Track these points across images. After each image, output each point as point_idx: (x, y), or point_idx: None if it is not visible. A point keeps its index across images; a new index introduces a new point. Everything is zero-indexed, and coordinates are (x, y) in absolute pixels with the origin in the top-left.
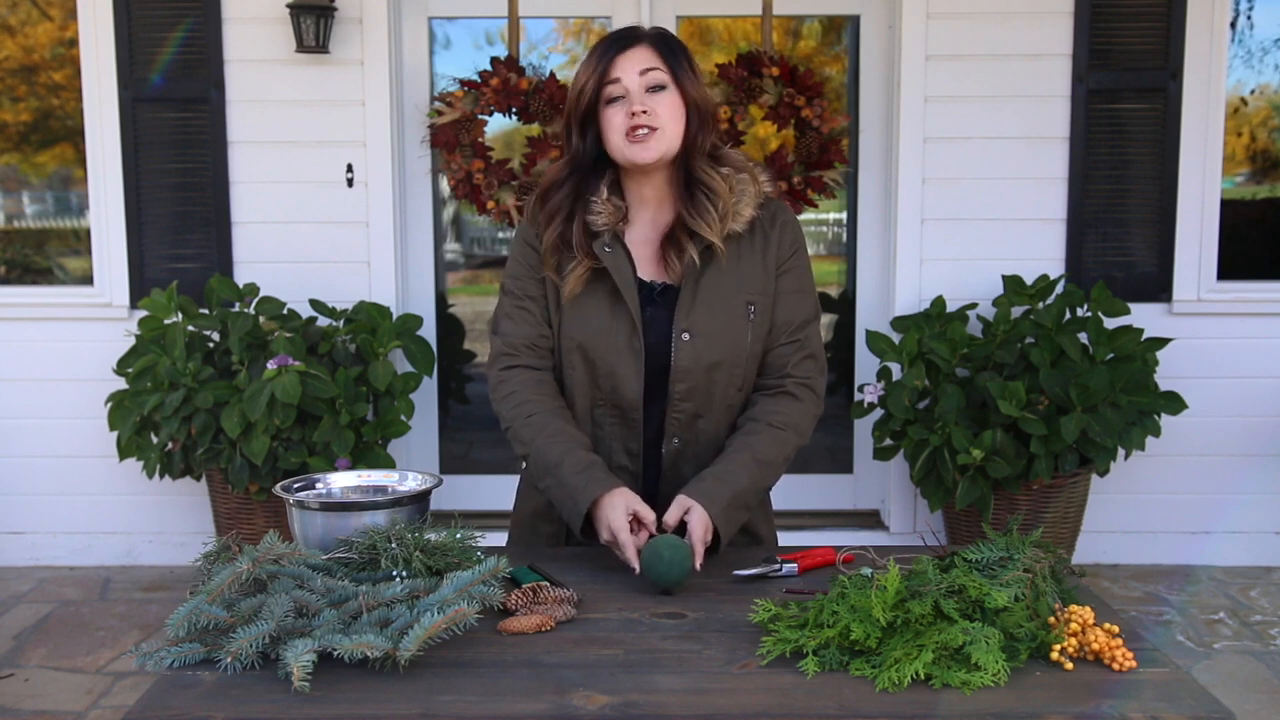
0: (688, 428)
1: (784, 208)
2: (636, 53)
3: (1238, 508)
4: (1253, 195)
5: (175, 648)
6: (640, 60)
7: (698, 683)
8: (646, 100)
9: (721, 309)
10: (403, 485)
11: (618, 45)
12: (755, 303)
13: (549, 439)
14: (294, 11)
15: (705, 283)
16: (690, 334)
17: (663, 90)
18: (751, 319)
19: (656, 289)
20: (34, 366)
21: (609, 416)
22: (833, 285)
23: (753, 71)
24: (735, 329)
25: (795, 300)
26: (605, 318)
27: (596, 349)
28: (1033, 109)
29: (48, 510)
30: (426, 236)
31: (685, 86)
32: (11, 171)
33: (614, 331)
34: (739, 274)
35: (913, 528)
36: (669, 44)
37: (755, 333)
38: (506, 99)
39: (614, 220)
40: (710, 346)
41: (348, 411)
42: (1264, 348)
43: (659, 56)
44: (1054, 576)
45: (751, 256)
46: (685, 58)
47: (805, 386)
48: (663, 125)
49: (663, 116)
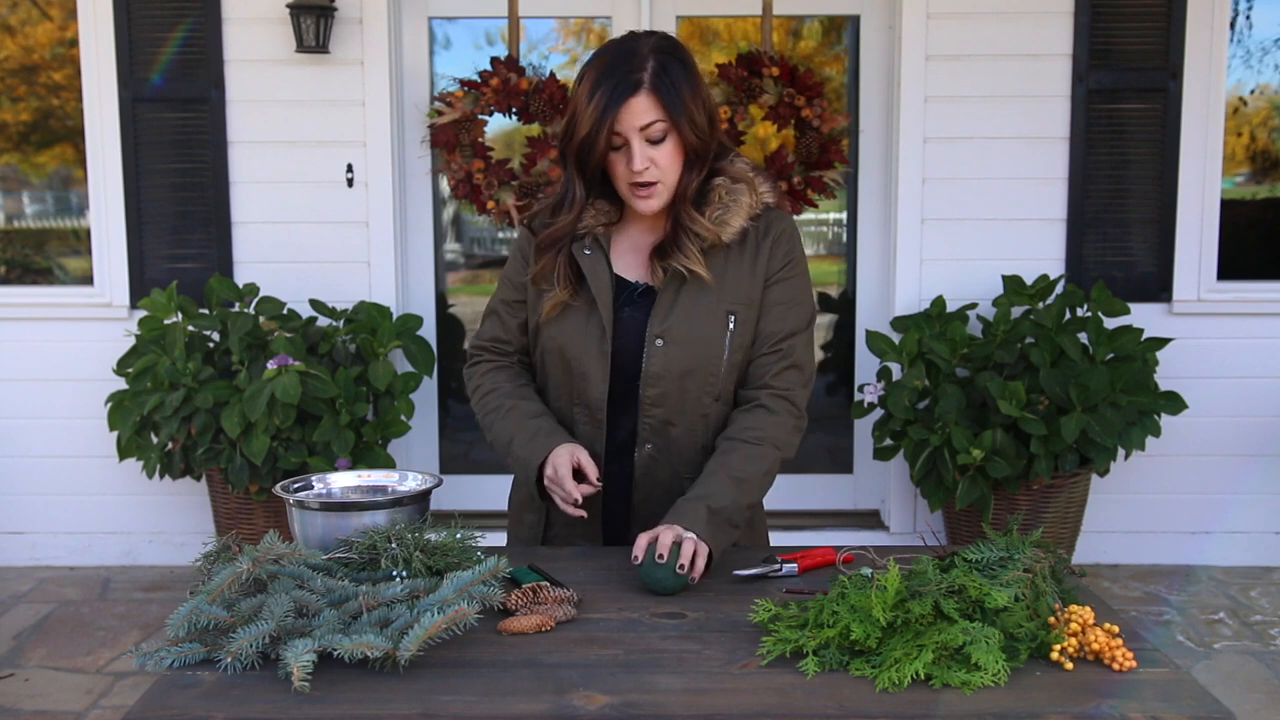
0: (659, 434)
1: (782, 218)
2: (636, 104)
3: (1238, 508)
4: (1253, 195)
5: (175, 648)
6: (640, 114)
7: (698, 683)
8: (648, 153)
9: (700, 317)
10: (403, 485)
11: (618, 97)
12: (736, 313)
13: (503, 419)
14: (294, 11)
15: (686, 290)
16: (664, 340)
17: (663, 141)
18: (731, 329)
19: (637, 290)
20: (34, 366)
21: (582, 416)
22: (833, 285)
23: (753, 71)
24: (712, 338)
25: (783, 312)
26: (582, 319)
27: (571, 349)
28: (1033, 109)
29: (48, 510)
30: (426, 236)
31: (684, 131)
32: (11, 171)
33: (587, 333)
34: (723, 283)
35: (913, 528)
36: (671, 85)
37: (734, 343)
38: (506, 99)
39: (597, 224)
40: (684, 354)
41: (348, 411)
42: (1264, 348)
43: (659, 106)
44: (1054, 576)
45: (739, 266)
46: (686, 91)
47: (781, 398)
48: (664, 177)
49: (664, 168)
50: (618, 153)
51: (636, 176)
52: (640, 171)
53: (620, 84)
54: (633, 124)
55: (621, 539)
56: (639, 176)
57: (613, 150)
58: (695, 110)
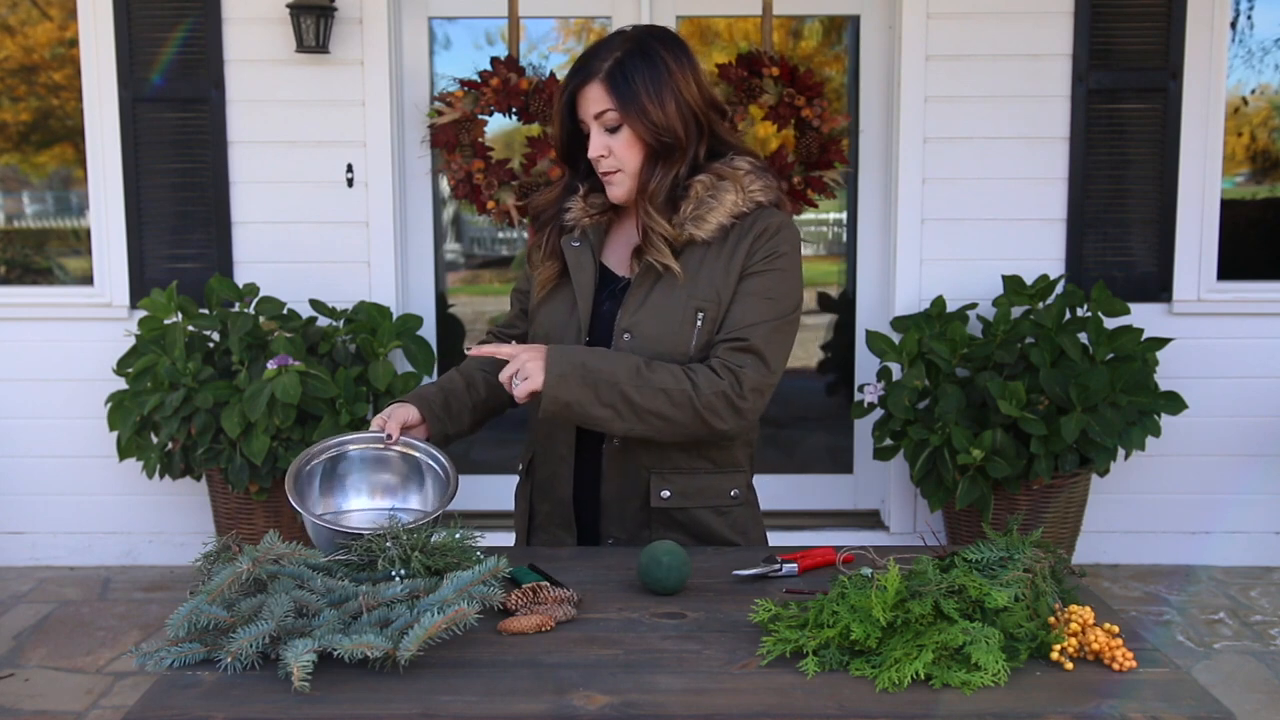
0: None
1: (772, 215)
2: (589, 92)
3: (1238, 508)
4: (1253, 195)
5: (175, 648)
6: (593, 102)
7: (698, 683)
8: (605, 140)
9: (668, 313)
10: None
11: (575, 84)
12: (705, 310)
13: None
14: (294, 11)
15: (658, 285)
16: (631, 334)
17: (618, 130)
18: (699, 325)
19: (620, 284)
20: (34, 366)
21: None
22: (833, 285)
23: (753, 71)
24: (680, 335)
25: (754, 303)
26: (566, 310)
27: (552, 338)
28: (1033, 109)
29: (48, 510)
30: (426, 236)
31: (634, 124)
32: (11, 171)
33: (568, 324)
34: (694, 280)
35: (913, 528)
36: (624, 78)
37: (700, 340)
38: (506, 99)
39: (582, 218)
40: (649, 349)
41: (348, 411)
42: (1264, 348)
43: (609, 95)
44: (1054, 576)
45: (714, 264)
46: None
47: (729, 370)
48: (623, 165)
49: (621, 157)
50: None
51: (596, 164)
52: (597, 159)
53: (580, 71)
54: (588, 110)
55: (593, 534)
56: (598, 164)
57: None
58: (651, 105)
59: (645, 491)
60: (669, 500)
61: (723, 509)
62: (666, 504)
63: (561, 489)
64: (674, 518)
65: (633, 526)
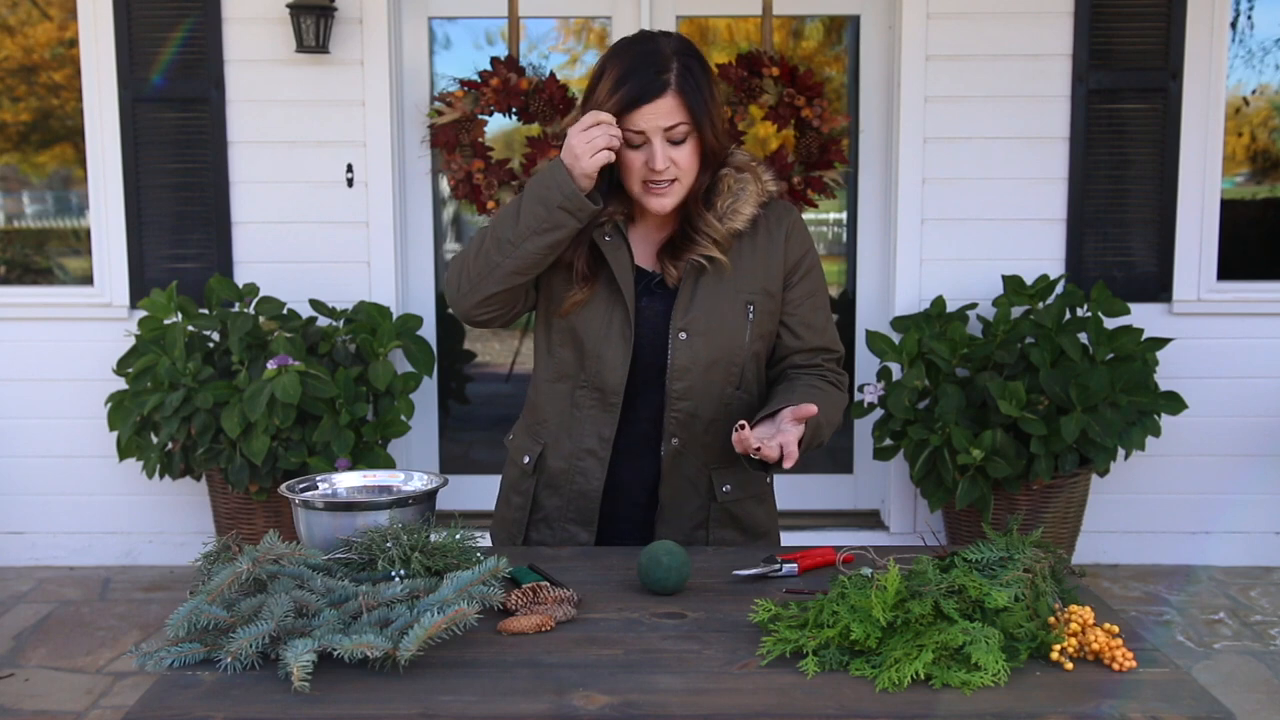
0: (686, 426)
1: (789, 209)
2: (662, 105)
3: (1238, 508)
4: (1253, 195)
5: (175, 648)
6: (666, 114)
7: (698, 683)
8: (669, 152)
9: (720, 309)
10: (408, 485)
11: (645, 96)
12: (754, 302)
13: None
14: (294, 11)
15: (704, 282)
16: (687, 333)
17: (684, 142)
18: (751, 318)
19: (655, 279)
20: (34, 366)
21: (589, 399)
22: (833, 285)
23: (753, 71)
24: (734, 328)
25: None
26: (602, 303)
27: (588, 331)
28: (1033, 109)
29: (48, 510)
30: (426, 236)
31: (705, 134)
32: (11, 171)
33: (609, 317)
34: (739, 273)
35: (913, 528)
36: (695, 88)
37: (754, 331)
38: (506, 99)
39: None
40: (708, 345)
41: (348, 411)
42: (1264, 348)
43: (684, 108)
44: (1054, 576)
45: (753, 255)
46: (708, 94)
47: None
48: (681, 175)
49: (683, 168)
50: (635, 151)
51: (656, 175)
52: (662, 170)
53: (649, 83)
54: (657, 124)
55: (648, 536)
56: (659, 175)
57: (630, 149)
58: (715, 113)
59: (707, 488)
60: (729, 494)
61: (763, 497)
62: (727, 498)
63: (585, 483)
64: (730, 511)
65: (688, 527)
